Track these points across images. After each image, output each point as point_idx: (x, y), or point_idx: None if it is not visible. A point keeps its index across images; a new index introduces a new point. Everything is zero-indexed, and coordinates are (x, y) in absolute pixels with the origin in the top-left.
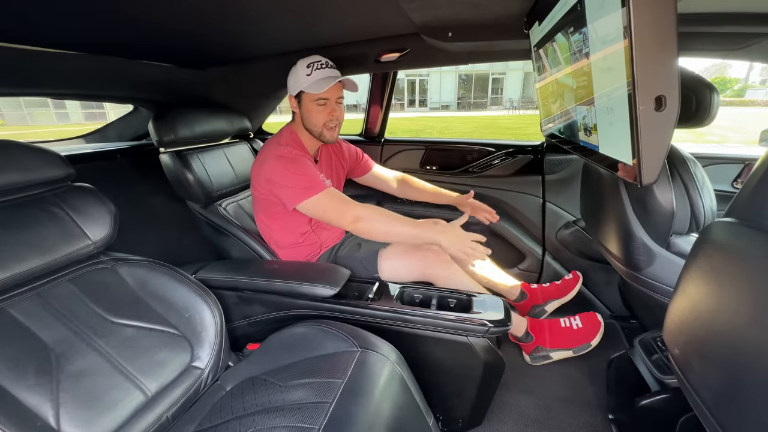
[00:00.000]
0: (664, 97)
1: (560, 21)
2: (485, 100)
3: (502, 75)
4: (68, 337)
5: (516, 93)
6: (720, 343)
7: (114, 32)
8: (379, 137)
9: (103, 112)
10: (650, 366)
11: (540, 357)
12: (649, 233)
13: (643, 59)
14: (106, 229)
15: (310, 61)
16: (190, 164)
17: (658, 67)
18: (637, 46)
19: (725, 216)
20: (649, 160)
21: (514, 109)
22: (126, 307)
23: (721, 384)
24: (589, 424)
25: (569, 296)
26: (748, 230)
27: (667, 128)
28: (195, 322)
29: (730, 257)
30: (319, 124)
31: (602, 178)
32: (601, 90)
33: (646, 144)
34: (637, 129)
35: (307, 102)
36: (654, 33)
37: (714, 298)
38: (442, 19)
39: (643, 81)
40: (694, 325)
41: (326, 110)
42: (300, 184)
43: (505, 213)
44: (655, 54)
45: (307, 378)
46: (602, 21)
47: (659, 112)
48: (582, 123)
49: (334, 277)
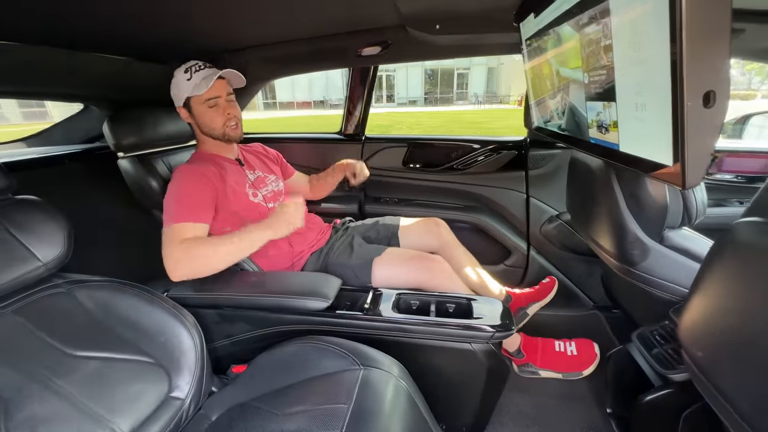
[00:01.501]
0: (714, 92)
1: (568, 12)
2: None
3: (467, 70)
4: (17, 380)
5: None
6: (760, 349)
7: (59, 20)
8: (359, 135)
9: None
10: (651, 361)
11: (528, 371)
12: (643, 228)
13: (693, 52)
14: (59, 247)
15: (187, 67)
16: (154, 170)
17: (708, 61)
18: (687, 38)
19: (747, 215)
20: (694, 160)
21: (480, 104)
22: (88, 336)
23: (760, 389)
24: (587, 419)
25: (548, 299)
26: None
27: (715, 126)
28: (172, 347)
29: (761, 258)
30: (219, 126)
31: (593, 173)
32: (628, 85)
33: (693, 143)
34: (683, 128)
35: (198, 107)
36: (706, 23)
37: (749, 301)
38: (431, 10)
39: (692, 75)
40: (724, 329)
41: (219, 110)
42: (167, 207)
43: (490, 209)
44: (706, 46)
45: (307, 404)
46: (635, 11)
47: (708, 108)
48: (595, 120)
49: (326, 287)
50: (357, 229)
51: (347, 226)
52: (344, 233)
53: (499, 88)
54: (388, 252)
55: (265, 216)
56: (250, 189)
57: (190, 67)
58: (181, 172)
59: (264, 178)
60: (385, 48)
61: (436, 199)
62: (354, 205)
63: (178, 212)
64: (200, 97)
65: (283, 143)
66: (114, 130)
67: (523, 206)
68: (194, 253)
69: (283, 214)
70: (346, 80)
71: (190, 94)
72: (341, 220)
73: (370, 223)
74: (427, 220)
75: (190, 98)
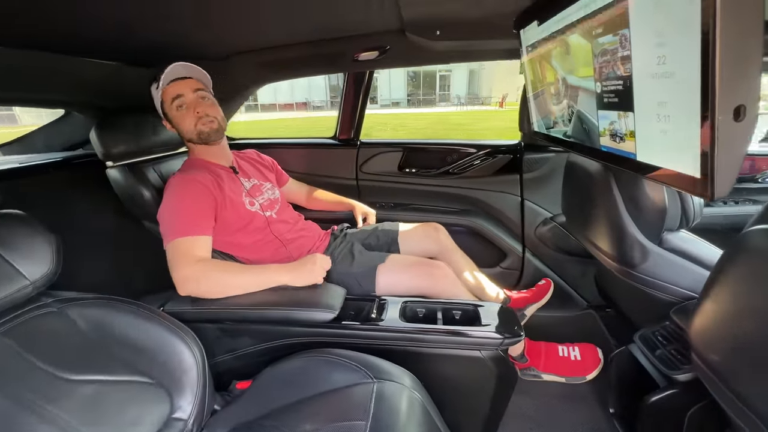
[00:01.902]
0: (744, 106)
1: (580, 21)
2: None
3: (449, 72)
4: (7, 409)
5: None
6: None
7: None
8: (355, 140)
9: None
10: (655, 362)
11: (530, 374)
12: (642, 230)
13: (726, 67)
14: (47, 264)
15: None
16: (146, 179)
17: (740, 75)
18: (721, 54)
19: (760, 222)
20: (724, 172)
21: (462, 105)
22: (82, 358)
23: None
24: (590, 420)
25: (544, 300)
26: None
27: (744, 139)
28: (172, 366)
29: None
30: (192, 128)
31: (592, 177)
32: (649, 96)
33: (723, 156)
34: (713, 141)
35: (171, 112)
36: (740, 38)
37: (763, 308)
38: (433, 16)
39: (725, 90)
40: (738, 334)
41: (189, 111)
42: (168, 220)
43: (486, 213)
44: (739, 61)
45: (321, 420)
46: (661, 23)
47: (738, 122)
48: (608, 129)
49: (331, 298)
50: (356, 235)
51: (345, 233)
52: (343, 240)
53: (480, 89)
54: (391, 259)
55: (262, 225)
56: (247, 197)
57: (159, 76)
58: (177, 182)
59: (260, 186)
60: (382, 53)
61: (431, 203)
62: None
63: (181, 226)
64: (167, 102)
65: (276, 149)
66: (102, 137)
67: (518, 209)
68: (208, 275)
69: (312, 265)
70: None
71: (162, 99)
72: (338, 227)
73: (369, 229)
74: (426, 225)
75: (163, 105)
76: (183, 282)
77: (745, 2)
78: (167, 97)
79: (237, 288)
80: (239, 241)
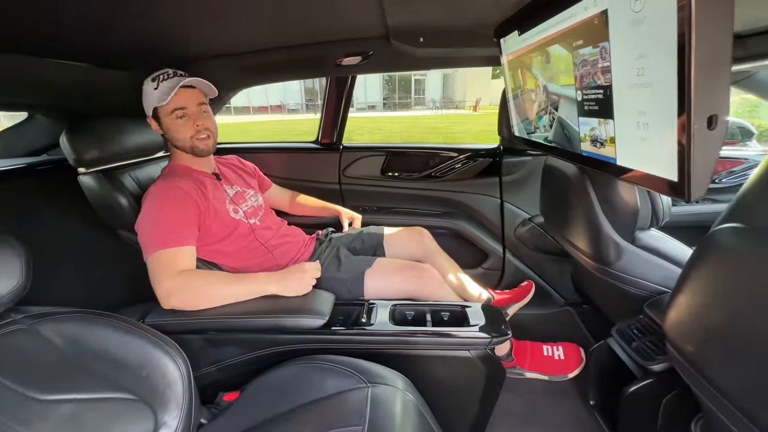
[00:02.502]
0: (716, 116)
1: (559, 33)
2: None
3: (424, 76)
4: None
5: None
6: (744, 341)
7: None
8: (337, 144)
9: None
10: (632, 354)
11: (515, 373)
12: (616, 230)
13: (699, 80)
14: (15, 278)
15: (155, 75)
16: (122, 186)
17: (712, 88)
18: (696, 69)
19: (726, 221)
20: (699, 176)
21: (437, 109)
22: (57, 377)
23: (747, 377)
24: (573, 413)
25: (526, 300)
26: (759, 235)
27: (717, 146)
28: (156, 381)
29: (742, 261)
30: (187, 138)
31: (569, 180)
32: (629, 105)
33: (698, 162)
34: (690, 148)
35: (165, 118)
36: (712, 53)
37: (733, 300)
38: (416, 24)
39: (699, 101)
40: (710, 325)
41: (189, 122)
42: (148, 232)
43: (467, 215)
44: (711, 75)
45: (315, 428)
46: (640, 38)
47: (711, 130)
48: (589, 135)
49: (320, 304)
50: (341, 240)
51: (330, 238)
52: (328, 245)
53: (454, 93)
54: (378, 263)
55: (246, 233)
56: (231, 205)
57: (158, 76)
58: (157, 190)
59: (243, 193)
60: (365, 58)
61: (414, 206)
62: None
63: (163, 237)
64: (166, 108)
65: (258, 153)
66: (74, 142)
67: (498, 211)
68: (193, 288)
69: (301, 273)
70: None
71: (157, 104)
72: (323, 231)
73: (354, 233)
74: (410, 229)
75: (157, 108)
76: (166, 296)
77: (716, 22)
78: (170, 105)
79: (223, 300)
80: (223, 250)
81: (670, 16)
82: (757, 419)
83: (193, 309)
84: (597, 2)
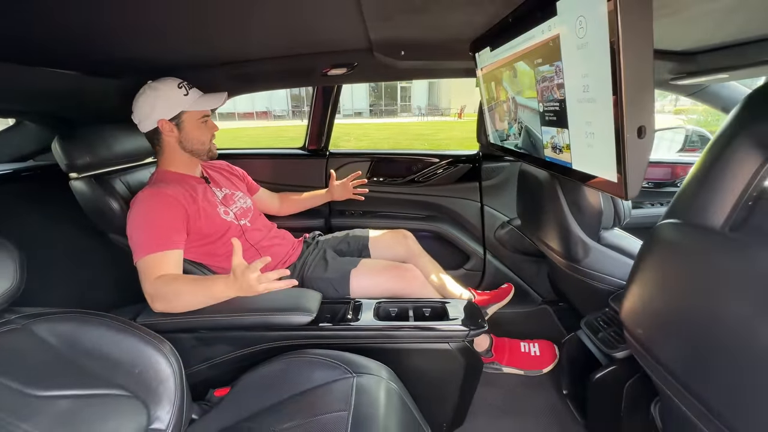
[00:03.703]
0: (645, 127)
1: (523, 51)
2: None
3: (410, 84)
4: None
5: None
6: (681, 322)
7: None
8: (323, 150)
9: None
10: (598, 343)
11: (492, 368)
12: (584, 230)
13: (631, 96)
14: (9, 279)
15: (178, 83)
16: (113, 190)
17: (640, 103)
18: (626, 86)
19: (667, 217)
20: (633, 178)
21: (423, 116)
22: (53, 374)
23: (685, 353)
24: (548, 403)
25: (505, 301)
26: (692, 229)
27: (646, 153)
28: (148, 378)
29: (679, 252)
30: (206, 142)
31: (542, 185)
32: (578, 117)
33: (631, 166)
34: (624, 154)
35: (190, 122)
36: (638, 74)
37: (673, 286)
38: (398, 38)
39: (630, 114)
40: (655, 310)
41: (209, 126)
42: (136, 237)
43: (449, 218)
44: (638, 92)
45: (305, 416)
46: (584, 60)
47: (641, 139)
48: (550, 142)
49: (308, 302)
50: (328, 242)
51: (317, 240)
52: (315, 247)
53: (440, 101)
54: (363, 263)
55: (237, 234)
56: (221, 207)
57: (182, 84)
58: (144, 197)
59: (232, 195)
60: (351, 69)
61: (399, 210)
62: (321, 219)
63: (148, 242)
64: (197, 113)
65: (245, 159)
66: (66, 148)
67: (479, 214)
68: (163, 292)
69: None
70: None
71: (188, 108)
72: (310, 234)
73: (340, 236)
74: (395, 232)
75: (183, 113)
76: (150, 300)
77: (639, 50)
78: (201, 111)
79: (193, 303)
80: (215, 251)
81: (604, 43)
82: (700, 396)
83: (174, 311)
84: (552, 28)
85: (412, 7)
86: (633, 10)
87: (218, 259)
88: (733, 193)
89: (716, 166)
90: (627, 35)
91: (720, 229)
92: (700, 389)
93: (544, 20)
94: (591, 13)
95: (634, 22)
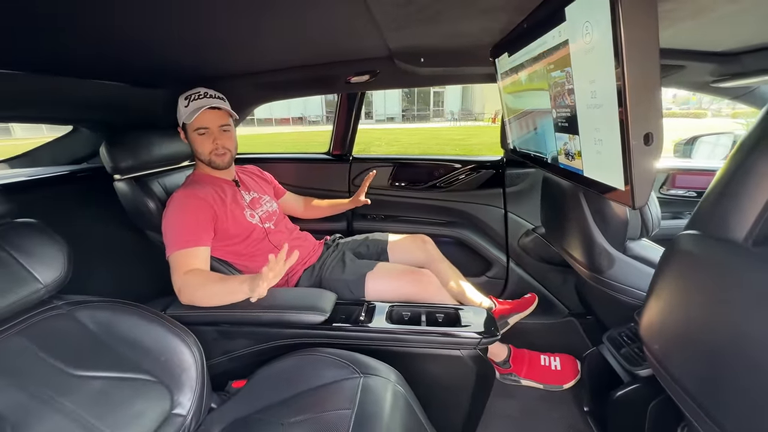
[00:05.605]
0: (652, 134)
1: (538, 57)
2: (428, 113)
3: (443, 89)
4: (24, 401)
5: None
6: (698, 339)
7: (60, 50)
8: (347, 155)
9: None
10: (620, 359)
11: (510, 379)
12: (608, 240)
13: (635, 102)
14: (58, 269)
15: (189, 94)
16: (151, 191)
17: (646, 111)
18: (630, 92)
19: (688, 228)
20: (640, 187)
21: (455, 121)
22: (90, 356)
23: (702, 372)
24: (568, 419)
25: (528, 311)
26: (712, 241)
27: (654, 160)
28: (173, 365)
29: (698, 265)
30: (206, 153)
31: (564, 192)
32: (588, 123)
33: (638, 174)
34: (630, 161)
35: (190, 133)
36: (643, 80)
37: (690, 300)
38: (416, 46)
39: (635, 120)
40: (672, 325)
41: (209, 139)
42: (169, 234)
43: (471, 224)
44: (644, 98)
45: (311, 412)
46: (591, 65)
47: (648, 146)
48: (563, 149)
49: (322, 302)
50: (347, 245)
51: (337, 243)
52: (335, 249)
53: (473, 106)
54: (380, 267)
55: (260, 236)
56: (248, 210)
57: (191, 95)
58: (178, 198)
59: (259, 199)
60: (373, 76)
61: (420, 215)
62: (343, 222)
63: (179, 239)
64: (191, 125)
65: (272, 163)
66: (112, 153)
67: (502, 221)
68: (189, 286)
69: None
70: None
71: (185, 120)
72: (331, 237)
73: (360, 239)
74: (414, 236)
75: (185, 124)
76: (178, 292)
77: (644, 52)
78: (194, 123)
79: (212, 296)
80: (238, 251)
81: (608, 47)
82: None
83: (196, 304)
84: (561, 33)
85: (425, 18)
86: (636, 12)
87: (243, 258)
88: (756, 204)
89: (738, 176)
90: (630, 39)
91: (742, 243)
92: (717, 412)
93: (554, 26)
94: (596, 18)
95: (637, 25)
